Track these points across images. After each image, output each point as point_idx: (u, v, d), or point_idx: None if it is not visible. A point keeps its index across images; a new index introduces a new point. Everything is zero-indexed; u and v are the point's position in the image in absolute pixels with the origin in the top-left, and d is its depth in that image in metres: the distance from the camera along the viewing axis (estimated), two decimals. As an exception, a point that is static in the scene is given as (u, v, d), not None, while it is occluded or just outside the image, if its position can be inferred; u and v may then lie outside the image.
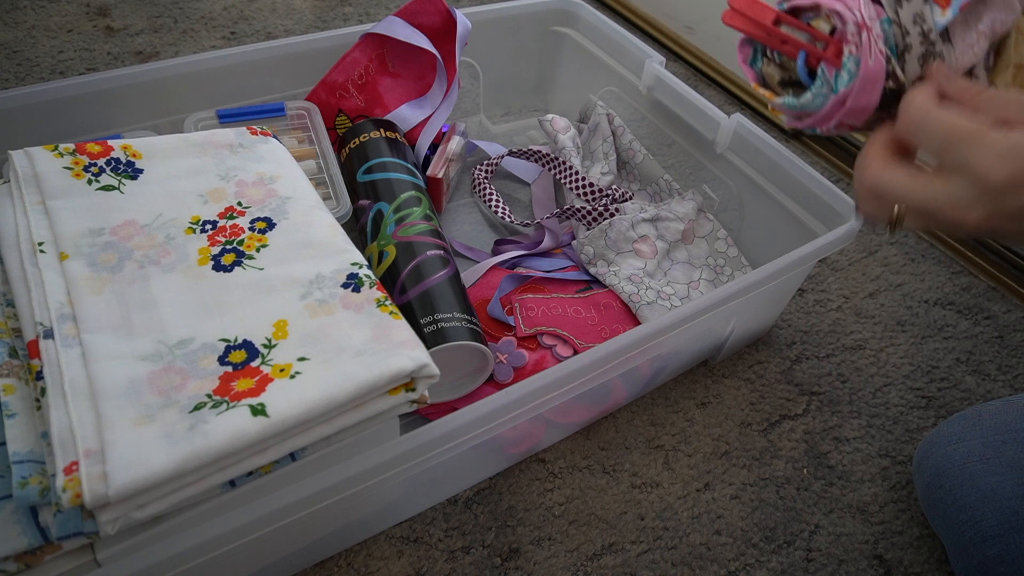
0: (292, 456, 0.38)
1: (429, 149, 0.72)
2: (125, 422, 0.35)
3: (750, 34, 0.37)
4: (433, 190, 0.70)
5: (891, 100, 0.35)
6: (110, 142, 0.50)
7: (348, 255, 0.46)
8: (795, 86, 0.36)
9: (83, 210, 0.45)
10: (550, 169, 0.74)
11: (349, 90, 0.69)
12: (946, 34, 0.35)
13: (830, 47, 0.34)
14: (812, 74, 0.35)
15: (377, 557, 0.50)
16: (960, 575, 0.49)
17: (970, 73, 0.35)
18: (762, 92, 0.37)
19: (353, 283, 0.44)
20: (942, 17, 0.34)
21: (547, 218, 0.69)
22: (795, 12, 0.36)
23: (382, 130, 0.66)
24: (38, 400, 0.36)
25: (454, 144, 0.73)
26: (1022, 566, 0.45)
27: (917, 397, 0.65)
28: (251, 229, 0.47)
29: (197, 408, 0.36)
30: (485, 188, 0.75)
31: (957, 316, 0.72)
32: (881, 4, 0.34)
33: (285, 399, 0.37)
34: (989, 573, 0.46)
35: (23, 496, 0.33)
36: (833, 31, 0.34)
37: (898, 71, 0.34)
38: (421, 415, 0.55)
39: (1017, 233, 0.30)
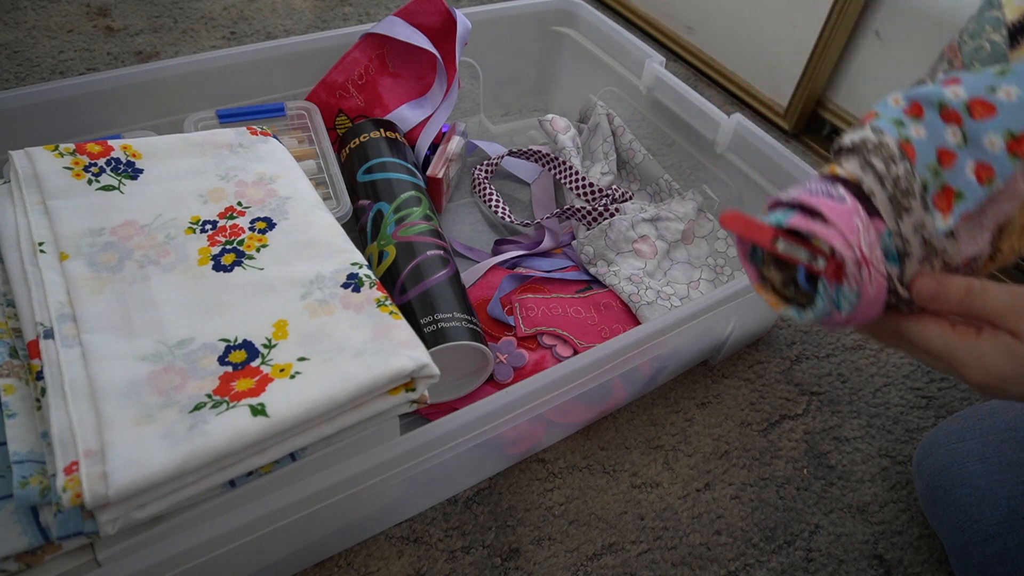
0: (292, 456, 0.38)
1: (429, 149, 0.72)
2: (125, 422, 0.35)
3: (748, 241, 0.36)
4: (433, 190, 0.70)
5: (895, 303, 0.35)
6: (110, 142, 0.50)
7: (348, 255, 0.46)
8: (798, 286, 0.36)
9: (83, 210, 0.45)
10: (550, 169, 0.74)
11: (349, 90, 0.69)
12: (949, 233, 0.34)
13: (830, 265, 0.33)
14: (812, 279, 0.35)
15: (377, 557, 0.50)
16: (960, 574, 0.49)
17: (973, 259, 0.35)
18: (765, 297, 0.36)
19: (353, 283, 0.44)
20: (943, 224, 0.33)
21: (547, 218, 0.69)
22: (792, 231, 0.35)
23: (382, 130, 0.66)
24: (38, 400, 0.36)
25: (454, 144, 0.73)
26: (1021, 565, 0.45)
27: (917, 397, 0.65)
28: (251, 229, 0.47)
29: (197, 408, 0.36)
30: (485, 188, 0.75)
31: (957, 316, 0.72)
32: (880, 216, 0.33)
33: (285, 399, 0.37)
34: (989, 572, 0.46)
35: (23, 496, 0.33)
36: (833, 250, 0.33)
37: (899, 288, 0.34)
38: (421, 415, 0.55)
39: None
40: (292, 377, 0.38)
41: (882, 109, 0.36)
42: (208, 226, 0.47)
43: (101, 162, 0.48)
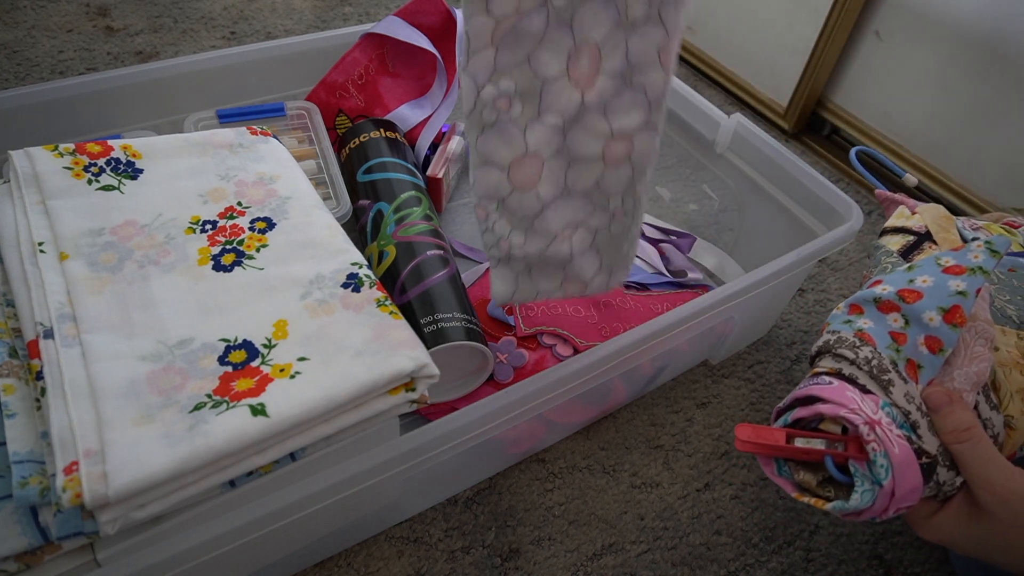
0: (292, 456, 0.38)
1: (429, 149, 0.72)
2: (125, 422, 0.35)
3: (769, 455, 0.38)
4: (433, 190, 0.70)
5: (931, 472, 0.36)
6: (110, 142, 0.50)
7: (348, 255, 0.46)
8: (834, 483, 0.38)
9: (83, 210, 0.45)
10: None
11: (349, 90, 0.69)
12: None
13: (850, 445, 0.36)
14: (842, 469, 0.37)
15: (377, 557, 0.50)
16: (961, 574, 0.49)
17: (976, 408, 0.38)
18: (807, 501, 0.38)
19: (353, 283, 0.44)
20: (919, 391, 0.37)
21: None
22: (800, 422, 0.38)
23: (382, 130, 0.66)
24: (38, 400, 0.36)
25: (454, 144, 0.73)
26: None
27: (917, 397, 0.65)
28: (251, 229, 0.47)
29: (197, 408, 0.36)
30: None
31: (957, 316, 0.72)
32: (871, 392, 0.37)
33: (285, 399, 0.37)
34: (990, 571, 0.46)
35: (23, 496, 0.33)
36: (845, 429, 0.36)
37: (924, 446, 0.36)
38: (421, 415, 0.55)
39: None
40: (292, 377, 0.38)
41: (832, 319, 0.42)
42: (208, 226, 0.47)
43: (101, 162, 0.48)
